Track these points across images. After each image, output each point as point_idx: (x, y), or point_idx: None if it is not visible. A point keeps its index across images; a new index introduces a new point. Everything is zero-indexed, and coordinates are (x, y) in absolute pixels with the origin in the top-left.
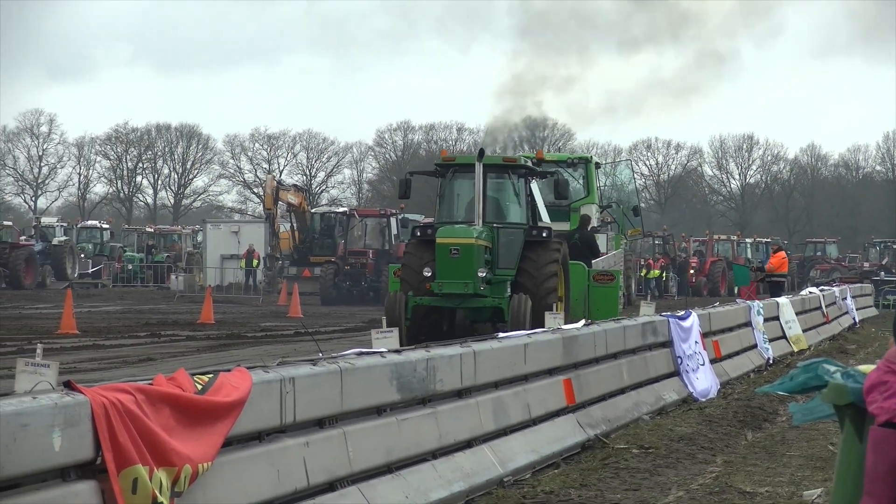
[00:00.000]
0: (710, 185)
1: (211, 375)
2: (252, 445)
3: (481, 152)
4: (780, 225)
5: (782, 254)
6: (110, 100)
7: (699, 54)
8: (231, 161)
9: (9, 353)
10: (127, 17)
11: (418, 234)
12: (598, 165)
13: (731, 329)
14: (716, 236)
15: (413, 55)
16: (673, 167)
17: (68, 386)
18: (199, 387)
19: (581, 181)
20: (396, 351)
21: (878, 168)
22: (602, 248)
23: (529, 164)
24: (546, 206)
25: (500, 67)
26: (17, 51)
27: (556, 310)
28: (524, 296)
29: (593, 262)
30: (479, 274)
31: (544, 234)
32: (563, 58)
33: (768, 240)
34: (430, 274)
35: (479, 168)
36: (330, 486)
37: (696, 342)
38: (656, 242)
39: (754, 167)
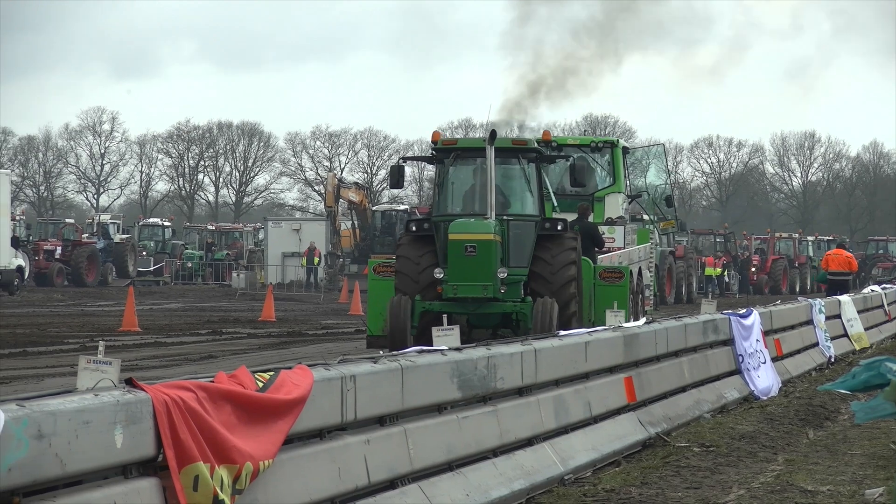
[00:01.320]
0: (771, 183)
1: (272, 373)
2: (313, 443)
3: (493, 134)
4: (841, 223)
5: (830, 252)
6: (172, 97)
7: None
8: (292, 159)
9: (71, 350)
10: (190, 14)
11: (413, 228)
12: (626, 150)
13: (792, 327)
14: (777, 234)
15: (478, 52)
16: (734, 165)
17: (130, 383)
18: (261, 384)
19: (607, 168)
20: (457, 349)
21: None
22: (619, 242)
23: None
24: (564, 194)
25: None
26: (80, 48)
27: (574, 311)
28: (550, 299)
29: (602, 256)
30: (500, 274)
31: (559, 227)
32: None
33: (830, 237)
34: (441, 276)
35: (490, 152)
36: (391, 484)
37: (757, 340)
38: (717, 240)
39: (816, 165)
